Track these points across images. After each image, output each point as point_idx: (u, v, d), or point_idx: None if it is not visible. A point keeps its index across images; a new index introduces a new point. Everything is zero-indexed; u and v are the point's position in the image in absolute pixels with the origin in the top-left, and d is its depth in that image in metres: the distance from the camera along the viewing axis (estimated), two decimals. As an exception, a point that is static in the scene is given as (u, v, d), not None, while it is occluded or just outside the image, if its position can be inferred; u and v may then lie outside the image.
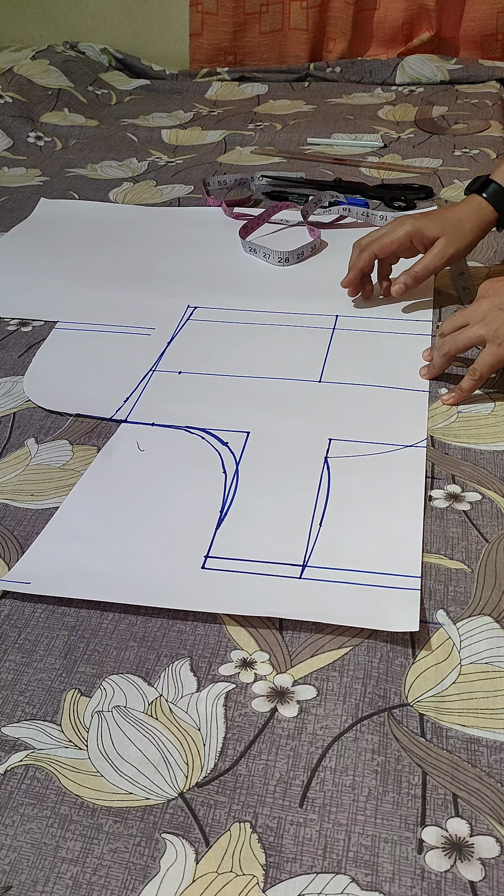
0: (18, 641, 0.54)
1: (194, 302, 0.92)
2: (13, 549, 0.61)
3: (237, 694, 0.50)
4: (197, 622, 0.54)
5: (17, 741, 0.47)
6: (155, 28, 1.93)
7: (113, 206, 1.20)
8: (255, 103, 1.67)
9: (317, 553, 0.59)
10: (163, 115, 1.61)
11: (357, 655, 0.52)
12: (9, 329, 0.90)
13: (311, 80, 1.82)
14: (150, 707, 0.49)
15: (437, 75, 1.73)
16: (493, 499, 0.64)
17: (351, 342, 0.84)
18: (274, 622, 0.54)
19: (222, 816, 0.43)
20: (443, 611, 0.54)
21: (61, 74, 1.68)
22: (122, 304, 0.93)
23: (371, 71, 1.77)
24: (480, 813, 0.43)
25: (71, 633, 0.54)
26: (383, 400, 0.75)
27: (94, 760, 0.46)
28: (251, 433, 0.71)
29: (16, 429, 0.74)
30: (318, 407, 0.74)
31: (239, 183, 1.24)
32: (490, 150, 1.34)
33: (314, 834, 0.42)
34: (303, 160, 1.33)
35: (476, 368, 0.72)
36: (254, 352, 0.83)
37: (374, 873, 0.41)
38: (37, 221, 1.16)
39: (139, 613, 0.55)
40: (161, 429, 0.73)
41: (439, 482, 0.65)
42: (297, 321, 0.88)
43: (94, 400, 0.77)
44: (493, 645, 0.52)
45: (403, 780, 0.45)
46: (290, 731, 0.48)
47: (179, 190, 1.24)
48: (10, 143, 1.45)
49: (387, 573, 0.56)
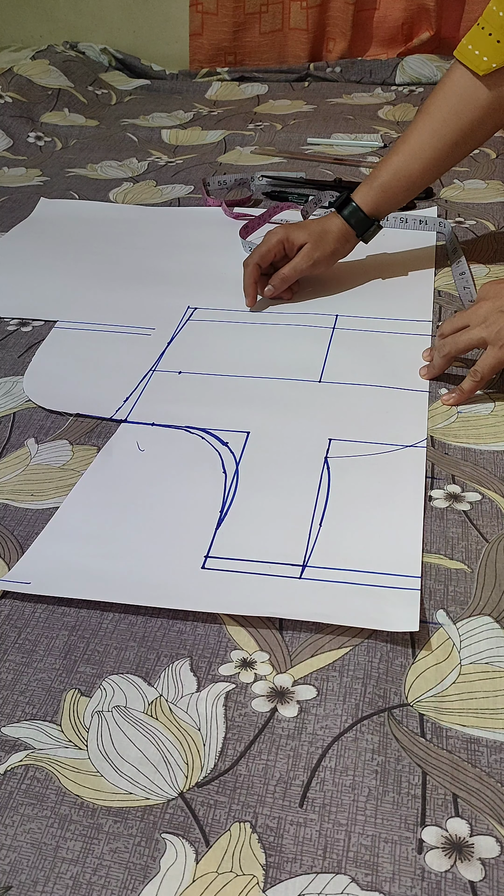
0: (18, 641, 0.54)
1: (194, 302, 0.92)
2: (13, 549, 0.61)
3: (237, 694, 0.50)
4: (197, 622, 0.54)
5: (17, 741, 0.47)
6: (155, 28, 1.93)
7: (113, 206, 1.20)
8: (255, 103, 1.68)
9: (317, 553, 0.59)
10: (163, 115, 1.61)
11: (357, 655, 0.52)
12: (9, 329, 0.90)
13: (311, 80, 1.82)
14: (150, 707, 0.49)
15: (437, 75, 1.72)
16: (493, 499, 0.64)
17: (351, 342, 0.84)
18: (274, 622, 0.54)
19: (222, 816, 0.43)
20: (443, 611, 0.54)
21: (61, 74, 1.68)
22: (122, 304, 0.93)
23: (371, 71, 1.77)
24: (480, 813, 0.43)
25: (71, 633, 0.54)
26: (383, 400, 0.75)
27: (94, 760, 0.46)
28: (251, 433, 0.71)
29: (16, 429, 0.74)
30: (318, 407, 0.74)
31: (239, 183, 1.24)
32: (490, 150, 1.34)
33: (314, 834, 0.43)
34: (303, 160, 1.33)
35: (477, 370, 0.72)
36: (254, 352, 0.83)
37: (374, 873, 0.41)
38: (37, 221, 1.16)
39: (139, 613, 0.55)
40: (161, 429, 0.72)
41: (439, 482, 0.65)
42: (297, 321, 0.88)
43: (94, 400, 0.77)
44: (493, 645, 0.52)
45: (403, 780, 0.45)
46: (290, 731, 0.48)
47: (179, 190, 1.24)
48: (10, 143, 1.45)
49: (387, 573, 0.56)
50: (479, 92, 0.84)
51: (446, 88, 0.86)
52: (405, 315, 0.88)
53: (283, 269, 0.90)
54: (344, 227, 0.91)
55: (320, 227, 0.91)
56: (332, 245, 0.90)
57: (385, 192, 0.90)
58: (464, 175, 1.24)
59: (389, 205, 0.91)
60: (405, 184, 0.90)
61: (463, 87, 0.84)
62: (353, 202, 0.90)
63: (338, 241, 0.91)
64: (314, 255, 0.89)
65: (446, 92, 0.86)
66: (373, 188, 0.90)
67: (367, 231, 0.92)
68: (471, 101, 0.84)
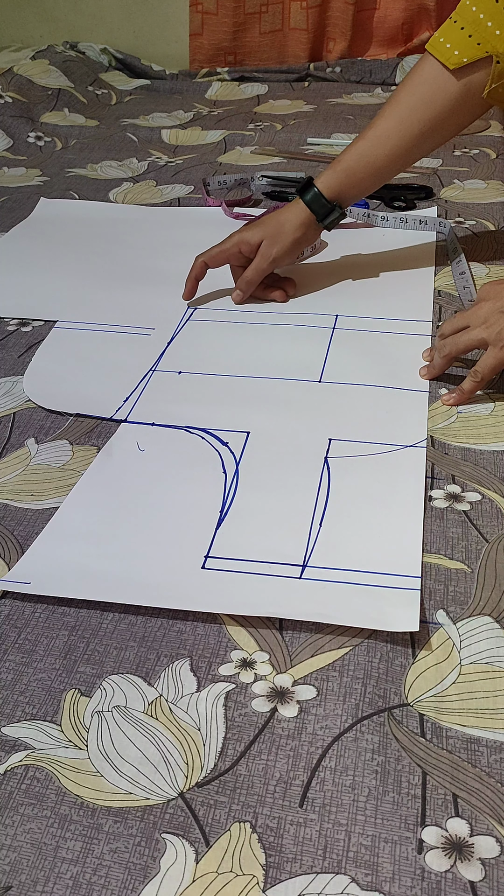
0: (18, 641, 0.54)
1: (194, 302, 0.92)
2: (13, 549, 0.61)
3: (237, 694, 0.50)
4: (197, 622, 0.54)
5: (17, 741, 0.47)
6: (155, 28, 1.93)
7: (113, 206, 1.20)
8: (255, 103, 1.68)
9: (317, 553, 0.59)
10: (163, 115, 1.61)
11: (357, 655, 0.52)
12: (9, 329, 0.90)
13: (311, 80, 1.82)
14: (150, 707, 0.49)
15: (437, 75, 1.72)
16: (493, 499, 0.64)
17: (351, 342, 0.84)
18: (274, 622, 0.54)
19: (222, 816, 0.43)
20: (443, 611, 0.54)
21: (61, 74, 1.68)
22: (122, 304, 0.93)
23: (371, 71, 1.77)
24: (480, 813, 0.43)
25: (71, 633, 0.54)
26: (383, 400, 0.75)
27: (94, 760, 0.46)
28: (251, 433, 0.71)
29: (16, 429, 0.74)
30: (318, 407, 0.74)
31: (239, 183, 1.24)
32: (490, 150, 1.34)
33: (314, 834, 0.43)
34: (303, 160, 1.33)
35: (478, 370, 0.72)
36: (254, 352, 0.83)
37: (374, 873, 0.41)
38: (37, 221, 1.16)
39: (139, 613, 0.55)
40: (161, 429, 0.73)
41: (439, 482, 0.65)
42: (297, 321, 0.88)
43: (94, 400, 0.77)
44: (493, 645, 0.52)
45: (403, 780, 0.45)
46: (290, 731, 0.48)
47: (179, 190, 1.24)
48: (10, 143, 1.45)
49: (387, 573, 0.56)
50: (449, 85, 0.83)
51: (415, 79, 0.85)
52: (405, 315, 0.88)
53: (246, 273, 0.89)
54: (303, 214, 0.88)
55: (276, 220, 0.88)
56: (291, 235, 0.88)
57: (349, 177, 0.88)
58: (464, 175, 1.24)
59: (353, 190, 0.89)
60: (370, 170, 0.88)
61: (433, 78, 0.84)
62: (314, 187, 0.88)
63: (297, 230, 0.88)
64: (272, 251, 0.88)
65: (415, 82, 0.85)
66: (336, 172, 0.88)
67: (329, 217, 0.89)
68: (440, 93, 0.84)
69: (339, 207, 0.89)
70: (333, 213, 0.89)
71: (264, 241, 0.88)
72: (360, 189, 0.90)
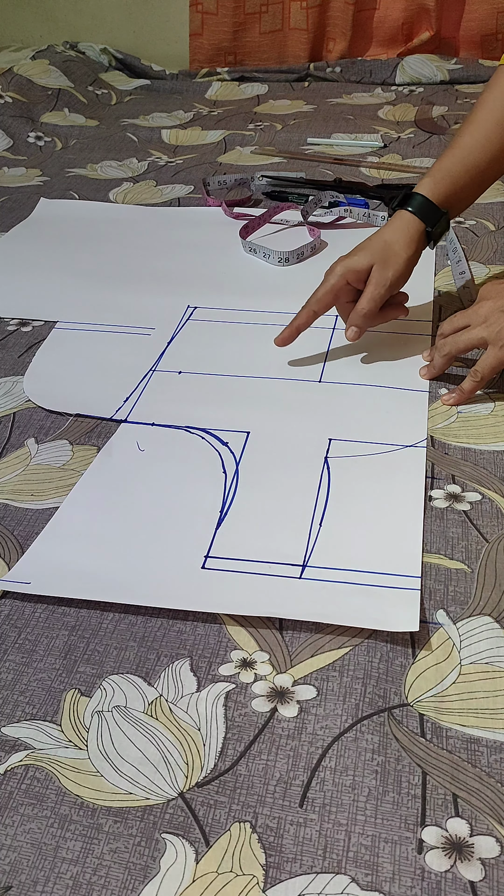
0: (18, 641, 0.54)
1: (194, 302, 0.92)
2: (13, 549, 0.61)
3: (237, 694, 0.50)
4: (197, 622, 0.54)
5: (17, 741, 0.47)
6: (155, 28, 1.93)
7: (113, 206, 1.20)
8: (255, 103, 1.67)
9: (317, 553, 0.59)
10: (163, 115, 1.61)
11: (357, 655, 0.52)
12: (9, 329, 0.90)
13: (311, 80, 1.82)
14: (150, 707, 0.49)
15: (437, 75, 1.73)
16: (493, 499, 0.64)
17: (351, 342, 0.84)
18: (274, 622, 0.54)
19: (222, 816, 0.43)
20: (443, 611, 0.54)
21: (61, 74, 1.68)
22: (122, 304, 0.93)
23: (371, 71, 1.77)
24: (480, 813, 0.43)
25: (71, 633, 0.54)
26: (383, 400, 0.75)
27: (94, 760, 0.46)
28: (251, 433, 0.71)
29: (16, 429, 0.74)
30: (318, 407, 0.74)
31: (239, 183, 1.24)
32: (490, 150, 1.34)
33: (314, 834, 0.42)
34: (303, 160, 1.33)
35: (478, 370, 0.72)
36: (254, 352, 0.83)
37: (374, 873, 0.41)
38: (37, 221, 1.16)
39: (139, 613, 0.55)
40: (161, 429, 0.72)
41: (439, 482, 0.65)
42: (297, 321, 0.88)
43: (94, 400, 0.77)
44: (493, 645, 0.52)
45: (403, 780, 0.45)
46: (290, 731, 0.48)
47: (179, 190, 1.24)
48: (10, 143, 1.45)
49: (387, 573, 0.56)
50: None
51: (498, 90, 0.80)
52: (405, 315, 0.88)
53: (360, 304, 0.78)
54: (411, 228, 0.79)
55: (380, 241, 0.79)
56: (403, 254, 0.78)
57: (453, 182, 0.80)
58: (464, 175, 1.24)
59: (458, 197, 0.81)
60: (473, 173, 0.80)
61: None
62: (417, 195, 0.79)
63: (409, 247, 0.78)
64: (387, 275, 0.77)
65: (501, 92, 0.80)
66: (436, 179, 0.80)
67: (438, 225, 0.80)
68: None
69: (446, 214, 0.80)
70: (442, 220, 0.80)
71: (374, 266, 0.78)
72: (465, 195, 0.82)
